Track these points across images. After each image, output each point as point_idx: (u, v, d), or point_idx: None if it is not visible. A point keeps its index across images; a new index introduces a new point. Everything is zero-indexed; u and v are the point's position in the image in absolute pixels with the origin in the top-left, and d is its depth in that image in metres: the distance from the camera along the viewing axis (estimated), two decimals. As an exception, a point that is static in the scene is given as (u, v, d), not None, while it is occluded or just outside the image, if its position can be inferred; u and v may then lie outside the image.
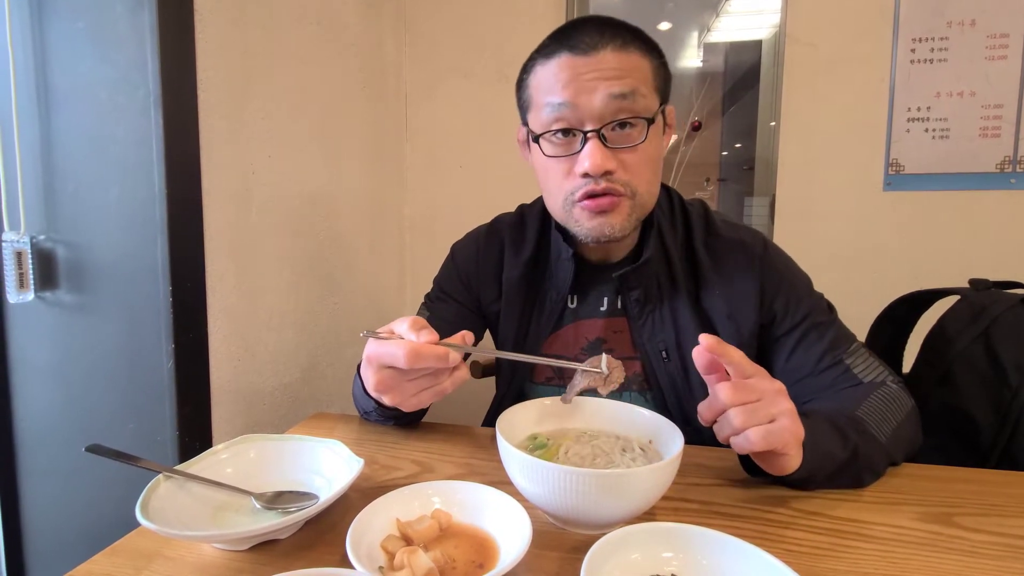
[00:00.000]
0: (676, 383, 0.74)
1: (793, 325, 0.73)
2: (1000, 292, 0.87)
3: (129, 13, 0.78)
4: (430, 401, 0.61)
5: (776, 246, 0.79)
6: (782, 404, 0.52)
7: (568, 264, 0.76)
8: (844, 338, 0.73)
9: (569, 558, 0.48)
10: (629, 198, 0.68)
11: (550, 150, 0.68)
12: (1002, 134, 1.39)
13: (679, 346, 0.74)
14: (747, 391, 0.52)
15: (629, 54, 0.65)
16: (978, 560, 0.48)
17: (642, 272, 0.74)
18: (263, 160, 1.05)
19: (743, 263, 0.75)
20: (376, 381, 0.58)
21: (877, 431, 0.62)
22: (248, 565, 0.47)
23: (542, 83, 0.67)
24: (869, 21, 1.44)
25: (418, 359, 0.54)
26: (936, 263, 1.45)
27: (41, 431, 0.93)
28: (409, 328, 0.57)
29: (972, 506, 0.57)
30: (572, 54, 0.65)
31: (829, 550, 0.49)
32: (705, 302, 0.75)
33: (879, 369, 0.72)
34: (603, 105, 0.64)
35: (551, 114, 0.66)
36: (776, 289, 0.74)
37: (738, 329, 0.73)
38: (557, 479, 0.48)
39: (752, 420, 0.51)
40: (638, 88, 0.65)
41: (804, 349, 0.73)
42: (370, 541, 0.46)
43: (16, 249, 0.83)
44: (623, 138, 0.66)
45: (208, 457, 0.57)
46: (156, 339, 0.84)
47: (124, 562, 0.48)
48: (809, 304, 0.74)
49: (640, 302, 0.75)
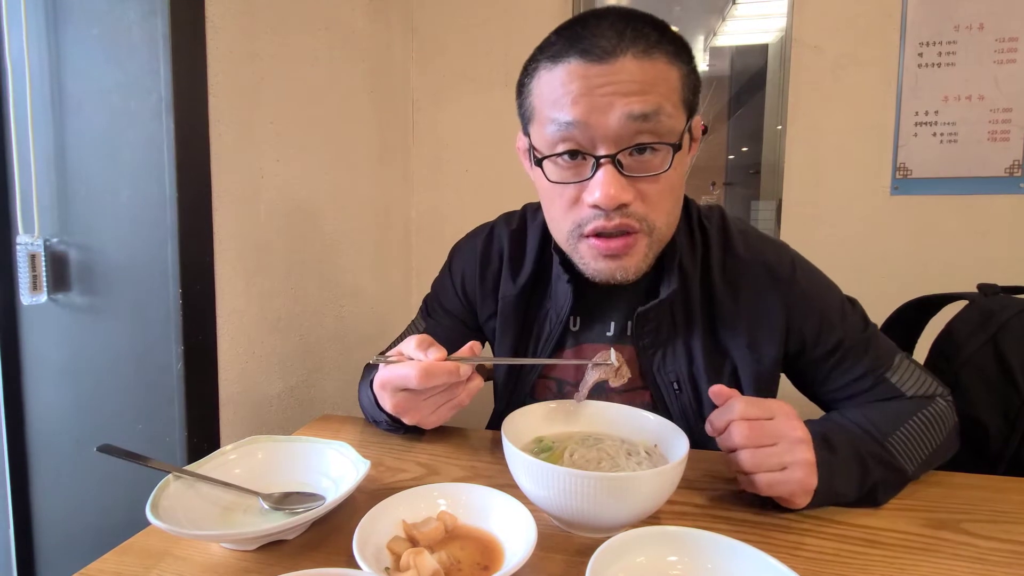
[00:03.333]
0: (688, 415, 0.69)
1: (827, 351, 0.67)
2: (1009, 297, 0.86)
3: (142, 20, 0.80)
4: (449, 415, 0.61)
5: (805, 263, 0.72)
6: (799, 454, 0.49)
7: (566, 287, 0.69)
8: (885, 355, 0.67)
9: (574, 561, 0.48)
10: (646, 235, 0.59)
11: (555, 175, 0.58)
12: (1011, 138, 1.38)
13: (692, 378, 0.68)
14: (763, 434, 0.49)
15: (654, 62, 0.54)
16: (987, 567, 0.48)
17: (660, 308, 0.66)
18: (271, 164, 1.06)
19: (767, 287, 0.67)
20: (393, 404, 0.58)
21: (907, 461, 0.58)
22: (256, 565, 0.48)
23: (547, 93, 0.56)
24: (876, 24, 1.44)
25: (430, 378, 0.54)
26: (944, 268, 1.44)
27: (52, 431, 0.95)
28: (416, 347, 0.56)
29: (981, 513, 0.56)
30: (584, 61, 0.54)
31: (836, 556, 0.49)
32: (722, 333, 0.68)
33: (926, 382, 0.67)
34: (620, 126, 0.54)
35: (557, 133, 0.56)
36: (805, 316, 0.67)
37: (759, 360, 0.67)
38: (562, 482, 0.48)
39: (762, 466, 0.49)
40: (662, 107, 0.54)
41: (841, 374, 0.67)
42: (376, 542, 0.46)
43: (30, 252, 0.85)
44: (642, 165, 0.56)
45: (217, 458, 0.57)
46: (166, 341, 0.85)
47: (133, 561, 0.48)
48: (843, 329, 0.67)
49: (653, 333, 0.68)
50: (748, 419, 0.50)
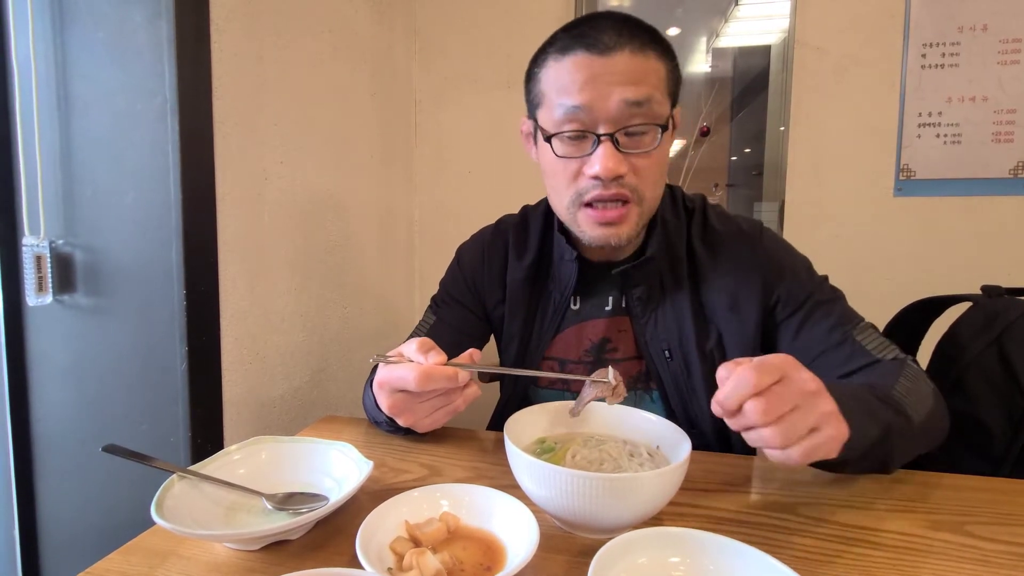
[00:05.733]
0: (679, 383, 0.74)
1: (797, 306, 0.72)
2: (1013, 299, 0.86)
3: (147, 23, 0.80)
4: (444, 420, 0.62)
5: (773, 232, 0.79)
6: (822, 406, 0.47)
7: (571, 266, 0.76)
8: (851, 316, 0.72)
9: (576, 562, 0.48)
10: (637, 204, 0.68)
11: (561, 150, 0.67)
12: (1015, 139, 1.38)
13: (681, 345, 0.74)
14: (780, 402, 0.45)
15: (647, 57, 0.64)
16: (990, 570, 0.48)
17: (645, 269, 0.74)
18: (275, 166, 1.07)
19: (741, 253, 0.75)
20: (389, 404, 0.59)
21: (914, 412, 0.60)
22: (260, 565, 0.48)
23: (556, 81, 0.66)
24: (879, 25, 1.44)
25: (428, 381, 0.55)
26: (948, 269, 1.43)
27: (57, 431, 0.95)
28: (417, 350, 0.58)
29: (984, 515, 0.56)
30: (589, 53, 0.63)
31: (837, 557, 0.49)
32: (705, 298, 0.75)
33: (892, 347, 0.70)
34: (618, 110, 0.63)
35: (564, 115, 0.65)
36: (778, 273, 0.74)
37: (742, 321, 0.73)
38: (565, 483, 0.48)
39: (793, 437, 0.45)
40: (653, 95, 0.64)
41: (811, 326, 0.71)
42: (379, 542, 0.46)
43: (36, 253, 0.85)
44: (636, 143, 0.66)
45: (221, 458, 0.58)
46: (170, 342, 0.85)
47: (139, 560, 0.49)
48: (811, 285, 0.74)
49: (643, 300, 0.75)
50: (761, 392, 0.45)
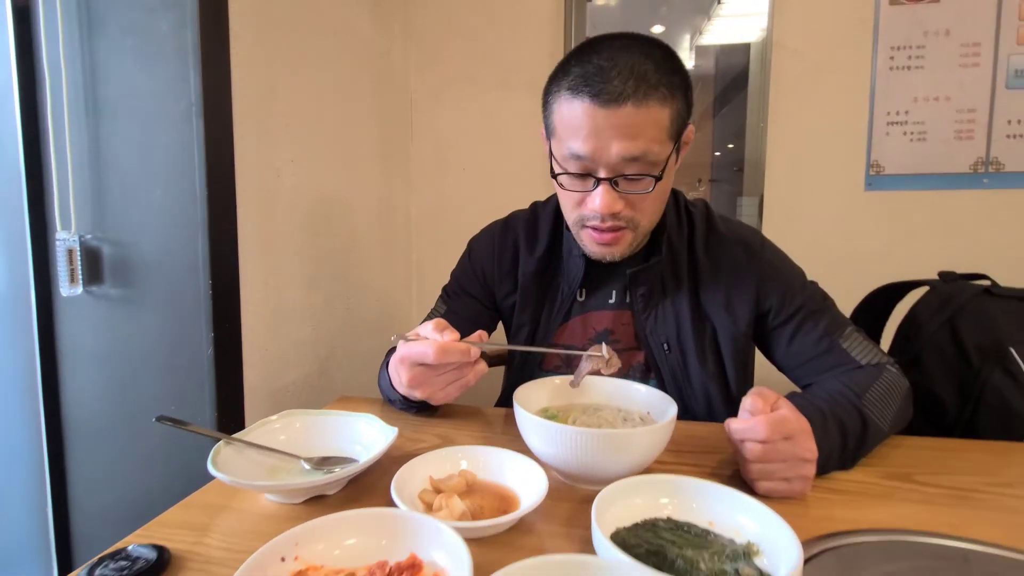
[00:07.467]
0: (676, 373, 0.81)
1: (790, 315, 0.79)
2: (966, 283, 0.94)
3: (173, 32, 0.86)
4: (457, 393, 0.68)
5: (772, 243, 0.86)
6: (802, 470, 0.57)
7: (579, 261, 0.83)
8: (839, 323, 0.79)
9: (579, 508, 0.56)
10: (631, 230, 0.74)
11: (568, 184, 0.73)
12: (975, 137, 1.48)
13: (679, 339, 0.81)
14: (774, 455, 0.56)
15: (649, 109, 0.66)
16: (931, 507, 0.56)
17: (651, 271, 0.81)
18: (286, 163, 1.13)
19: (741, 259, 0.81)
20: (409, 378, 0.65)
21: (880, 419, 0.67)
22: (302, 516, 0.54)
23: (566, 122, 0.69)
24: (850, 29, 1.52)
25: (445, 355, 0.61)
26: (914, 258, 1.53)
27: (86, 414, 1.01)
28: (434, 329, 0.64)
29: (930, 466, 0.65)
30: (595, 104, 0.66)
31: (802, 500, 0.57)
32: (703, 297, 0.81)
33: (875, 351, 0.77)
34: (616, 161, 0.67)
35: (571, 156, 0.70)
36: (772, 282, 0.80)
37: (735, 320, 0.80)
38: (568, 439, 0.55)
39: (767, 480, 0.57)
40: (650, 148, 0.67)
41: (802, 335, 0.78)
42: (409, 492, 0.53)
43: (67, 247, 0.91)
44: (631, 185, 0.71)
45: (261, 427, 0.64)
46: (197, 329, 0.91)
47: (198, 512, 0.55)
48: (803, 295, 0.80)
49: (645, 297, 0.81)
50: (766, 442, 0.57)
